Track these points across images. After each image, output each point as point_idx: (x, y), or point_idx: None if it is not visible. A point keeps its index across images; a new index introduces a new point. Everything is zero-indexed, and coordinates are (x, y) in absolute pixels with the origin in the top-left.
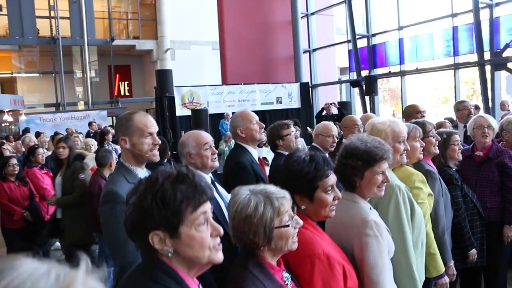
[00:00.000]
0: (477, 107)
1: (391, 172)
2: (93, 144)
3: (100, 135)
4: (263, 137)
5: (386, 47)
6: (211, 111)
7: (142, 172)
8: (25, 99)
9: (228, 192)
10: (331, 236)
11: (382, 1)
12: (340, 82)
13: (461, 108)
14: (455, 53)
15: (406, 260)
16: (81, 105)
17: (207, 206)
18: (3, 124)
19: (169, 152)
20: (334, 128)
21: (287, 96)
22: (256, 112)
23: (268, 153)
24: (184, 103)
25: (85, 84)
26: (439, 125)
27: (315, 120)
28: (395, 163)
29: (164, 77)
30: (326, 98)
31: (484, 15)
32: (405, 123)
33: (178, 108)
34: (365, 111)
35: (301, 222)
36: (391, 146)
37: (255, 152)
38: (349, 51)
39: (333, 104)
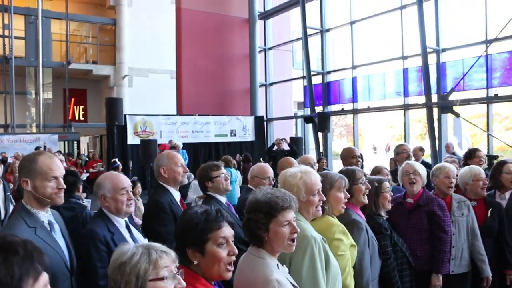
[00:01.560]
0: (421, 149)
1: (307, 223)
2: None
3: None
4: (185, 180)
5: (340, 84)
6: (164, 141)
7: (45, 216)
8: None
9: (145, 236)
10: None
11: (338, 40)
12: (293, 117)
13: (400, 151)
14: (405, 93)
15: None
16: (32, 128)
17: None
18: None
19: (80, 186)
20: (270, 170)
21: (241, 128)
22: (210, 144)
23: None
24: (137, 131)
25: (37, 107)
26: (377, 170)
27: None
28: (311, 215)
29: (114, 105)
30: (281, 132)
31: (432, 59)
32: (331, 172)
33: (130, 136)
34: (317, 147)
35: (183, 283)
36: (305, 200)
37: (177, 194)
38: (304, 87)
39: (283, 140)
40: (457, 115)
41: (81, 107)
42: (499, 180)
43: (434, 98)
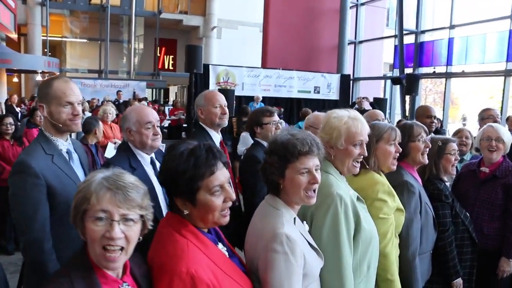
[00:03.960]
0: (508, 119)
1: (338, 177)
2: (111, 112)
3: (124, 105)
4: (225, 122)
5: (434, 45)
6: (246, 93)
7: (64, 144)
8: (71, 64)
9: None
10: (246, 244)
11: None
12: (381, 78)
13: (485, 116)
14: (509, 58)
15: (339, 285)
16: (122, 74)
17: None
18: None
19: (96, 129)
20: None
21: (326, 86)
22: (292, 99)
23: None
24: (219, 82)
25: (129, 54)
26: (457, 132)
27: None
28: (346, 170)
29: (193, 53)
30: (367, 92)
31: None
32: (381, 123)
33: (212, 86)
34: (403, 110)
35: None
36: (343, 148)
37: (216, 136)
38: (395, 46)
39: (365, 99)
40: None
41: (171, 56)
42: None
43: None
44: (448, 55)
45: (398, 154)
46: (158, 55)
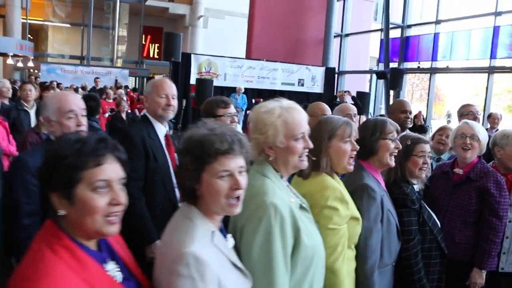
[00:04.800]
0: (490, 116)
1: (277, 181)
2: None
3: (99, 93)
4: (169, 115)
5: (420, 40)
6: (228, 84)
7: None
8: (52, 48)
9: None
10: (156, 260)
11: None
12: (365, 72)
13: (465, 112)
14: (492, 55)
15: None
16: (106, 62)
17: None
18: (27, 70)
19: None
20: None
21: (310, 79)
22: (275, 91)
23: None
24: (201, 72)
25: (112, 41)
26: (439, 129)
27: None
28: (291, 168)
29: (171, 41)
30: (353, 87)
31: None
32: (334, 117)
33: (193, 76)
34: (387, 105)
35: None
36: (284, 146)
37: (161, 129)
38: (381, 40)
39: (347, 93)
40: None
41: (156, 45)
42: None
43: None
44: (433, 50)
45: (355, 153)
46: (144, 43)
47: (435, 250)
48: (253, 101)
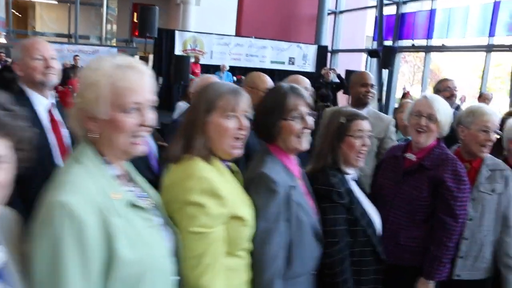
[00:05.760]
0: (481, 96)
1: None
2: None
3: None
4: (50, 80)
5: (416, 17)
6: (214, 62)
7: None
8: (40, 26)
9: None
10: None
11: None
12: (358, 50)
13: (442, 88)
14: (491, 33)
15: None
16: (95, 40)
17: None
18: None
19: None
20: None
21: (301, 57)
22: (264, 70)
23: None
24: (185, 49)
25: (101, 19)
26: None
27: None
28: (119, 152)
29: (146, 15)
30: (346, 66)
31: None
32: (215, 84)
33: (177, 53)
34: (379, 85)
35: None
36: (108, 119)
37: (42, 100)
38: (375, 17)
39: (332, 70)
40: None
41: None
42: None
43: None
44: (429, 27)
45: (242, 132)
46: (136, 21)
47: (368, 255)
48: (234, 78)
